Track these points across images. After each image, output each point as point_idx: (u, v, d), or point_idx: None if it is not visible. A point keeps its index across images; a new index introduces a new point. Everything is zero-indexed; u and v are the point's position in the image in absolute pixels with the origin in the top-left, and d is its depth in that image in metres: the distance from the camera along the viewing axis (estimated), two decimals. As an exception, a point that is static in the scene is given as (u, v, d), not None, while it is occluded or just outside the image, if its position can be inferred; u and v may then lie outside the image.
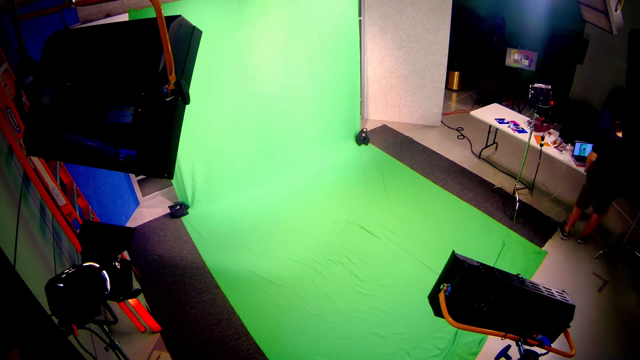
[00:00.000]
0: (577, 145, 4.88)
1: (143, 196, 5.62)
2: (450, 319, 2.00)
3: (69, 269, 1.77)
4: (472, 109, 6.42)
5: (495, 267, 2.15)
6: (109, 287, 1.85)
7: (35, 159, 2.97)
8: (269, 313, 4.05)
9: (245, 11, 4.78)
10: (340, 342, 3.73)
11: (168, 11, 2.27)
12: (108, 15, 4.32)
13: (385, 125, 7.19)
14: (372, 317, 3.95)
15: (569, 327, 2.19)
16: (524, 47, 6.65)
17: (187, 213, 5.37)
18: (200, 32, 1.81)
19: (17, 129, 2.76)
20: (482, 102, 7.41)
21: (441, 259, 2.14)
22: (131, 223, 5.29)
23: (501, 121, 5.75)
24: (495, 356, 2.96)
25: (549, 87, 4.60)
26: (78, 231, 3.01)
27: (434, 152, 6.40)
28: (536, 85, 4.65)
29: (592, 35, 6.12)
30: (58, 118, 1.82)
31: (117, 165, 1.70)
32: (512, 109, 6.51)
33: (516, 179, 5.37)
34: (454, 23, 6.17)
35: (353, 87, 6.21)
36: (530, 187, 5.50)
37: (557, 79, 6.48)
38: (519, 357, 2.19)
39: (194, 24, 1.77)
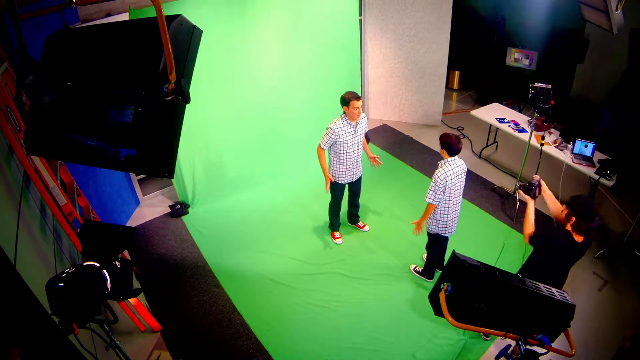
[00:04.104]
0: (578, 143, 4.88)
1: (143, 195, 5.62)
2: (450, 318, 2.00)
3: (69, 268, 1.77)
4: (472, 109, 6.42)
5: (496, 266, 2.15)
6: (109, 286, 1.85)
7: (35, 159, 2.97)
8: (272, 311, 4.05)
9: (245, 11, 4.78)
10: (345, 342, 3.74)
11: (168, 10, 2.27)
12: (108, 15, 4.31)
13: (385, 124, 7.18)
14: (376, 316, 3.95)
15: (569, 326, 2.19)
16: (524, 47, 6.65)
17: (187, 212, 5.37)
18: (201, 32, 1.81)
19: (18, 128, 2.76)
20: (482, 101, 7.40)
21: (441, 259, 2.14)
22: (132, 222, 5.29)
23: (501, 120, 5.75)
24: (495, 356, 2.97)
25: (550, 86, 4.60)
26: (78, 230, 3.01)
27: (435, 151, 6.39)
28: (537, 84, 4.65)
29: (593, 34, 6.12)
30: (58, 117, 1.82)
31: (117, 164, 1.71)
32: (512, 108, 6.51)
33: (517, 178, 5.37)
34: (455, 22, 6.16)
35: (353, 87, 6.20)
36: (531, 186, 5.50)
37: (558, 78, 6.47)
38: (519, 356, 2.19)
39: (194, 24, 1.77)
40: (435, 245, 4.03)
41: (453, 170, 3.52)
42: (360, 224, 4.99)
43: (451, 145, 3.48)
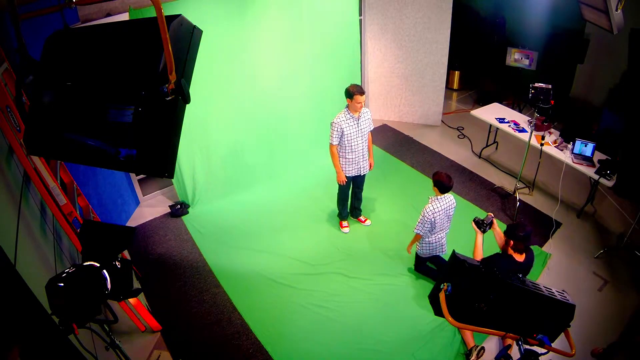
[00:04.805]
0: (578, 143, 4.88)
1: (143, 195, 5.62)
2: (450, 318, 2.00)
3: (69, 268, 1.77)
4: (472, 109, 6.42)
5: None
6: (109, 286, 1.85)
7: (35, 159, 2.97)
8: (272, 311, 4.05)
9: (245, 11, 4.78)
10: (344, 342, 3.73)
11: (168, 10, 2.27)
12: (108, 15, 4.31)
13: (385, 124, 7.18)
14: (375, 316, 3.95)
15: (570, 326, 2.19)
16: (524, 47, 6.65)
17: (187, 212, 5.37)
18: (201, 32, 1.81)
19: (18, 128, 2.76)
20: (482, 101, 7.40)
21: (441, 259, 2.14)
22: (132, 222, 5.29)
23: (501, 120, 5.75)
24: (495, 356, 2.96)
25: (550, 86, 4.60)
26: (78, 230, 3.01)
27: (435, 151, 6.40)
28: (537, 84, 4.64)
29: (593, 34, 6.12)
30: (58, 117, 1.82)
31: (117, 164, 1.71)
32: (512, 108, 6.51)
33: (516, 178, 5.37)
34: (455, 22, 6.16)
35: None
36: (531, 186, 5.50)
37: (558, 78, 6.47)
38: (519, 356, 2.19)
39: (194, 24, 1.77)
40: (432, 263, 4.31)
41: (441, 207, 3.81)
42: (362, 218, 5.05)
43: (443, 184, 3.72)
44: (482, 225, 3.46)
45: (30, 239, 2.58)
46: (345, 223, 4.97)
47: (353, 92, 4.07)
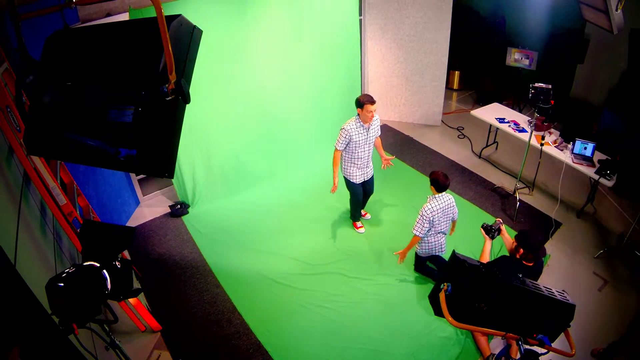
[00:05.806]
0: (578, 143, 4.88)
1: (143, 195, 5.62)
2: (450, 318, 2.00)
3: (69, 268, 1.77)
4: (472, 109, 6.42)
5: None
6: (109, 286, 1.85)
7: (35, 159, 2.97)
8: (272, 311, 4.05)
9: (245, 11, 4.78)
10: (345, 342, 3.74)
11: (168, 10, 2.27)
12: (108, 15, 4.31)
13: (385, 124, 7.18)
14: (375, 316, 3.95)
15: (570, 326, 2.19)
16: (524, 47, 6.65)
17: (187, 212, 5.37)
18: (201, 32, 1.81)
19: (18, 128, 2.76)
20: (482, 101, 7.40)
21: (441, 259, 2.13)
22: (132, 222, 5.29)
23: (502, 120, 5.75)
24: (495, 356, 2.96)
25: (550, 86, 4.60)
26: (78, 230, 3.01)
27: (435, 151, 6.40)
28: (537, 84, 4.64)
29: (593, 34, 6.12)
30: (58, 117, 1.82)
31: (117, 164, 1.70)
32: (512, 108, 6.51)
33: (516, 178, 5.37)
34: (455, 22, 6.16)
35: (353, 87, 6.20)
36: (531, 186, 5.50)
37: (558, 78, 6.47)
38: (519, 356, 2.19)
39: (194, 24, 1.77)
40: (432, 263, 4.31)
41: (440, 206, 3.80)
42: (362, 212, 5.09)
43: (439, 182, 3.74)
44: (491, 231, 3.41)
45: (30, 239, 2.58)
46: (359, 224, 4.98)
47: (363, 102, 4.02)
